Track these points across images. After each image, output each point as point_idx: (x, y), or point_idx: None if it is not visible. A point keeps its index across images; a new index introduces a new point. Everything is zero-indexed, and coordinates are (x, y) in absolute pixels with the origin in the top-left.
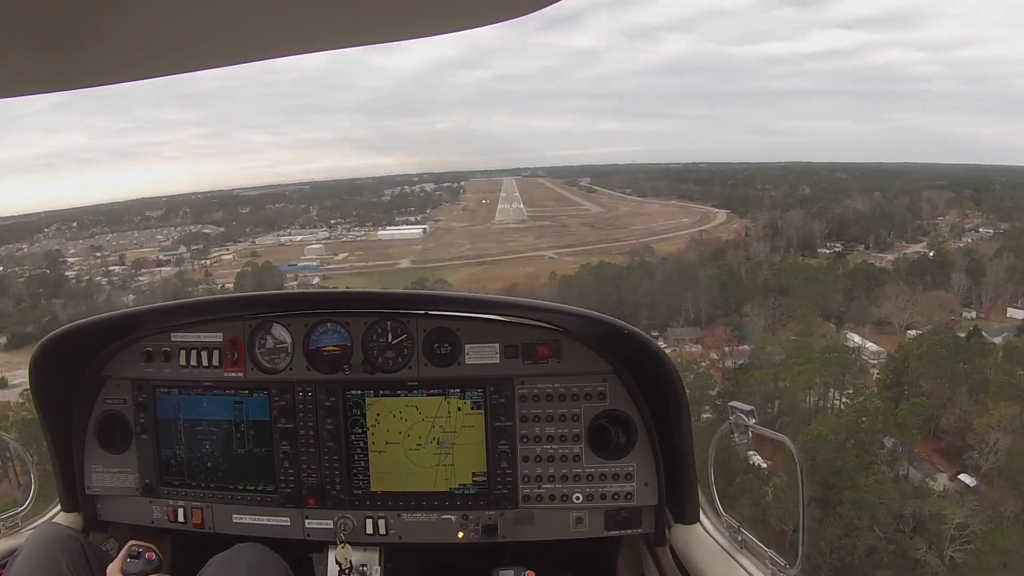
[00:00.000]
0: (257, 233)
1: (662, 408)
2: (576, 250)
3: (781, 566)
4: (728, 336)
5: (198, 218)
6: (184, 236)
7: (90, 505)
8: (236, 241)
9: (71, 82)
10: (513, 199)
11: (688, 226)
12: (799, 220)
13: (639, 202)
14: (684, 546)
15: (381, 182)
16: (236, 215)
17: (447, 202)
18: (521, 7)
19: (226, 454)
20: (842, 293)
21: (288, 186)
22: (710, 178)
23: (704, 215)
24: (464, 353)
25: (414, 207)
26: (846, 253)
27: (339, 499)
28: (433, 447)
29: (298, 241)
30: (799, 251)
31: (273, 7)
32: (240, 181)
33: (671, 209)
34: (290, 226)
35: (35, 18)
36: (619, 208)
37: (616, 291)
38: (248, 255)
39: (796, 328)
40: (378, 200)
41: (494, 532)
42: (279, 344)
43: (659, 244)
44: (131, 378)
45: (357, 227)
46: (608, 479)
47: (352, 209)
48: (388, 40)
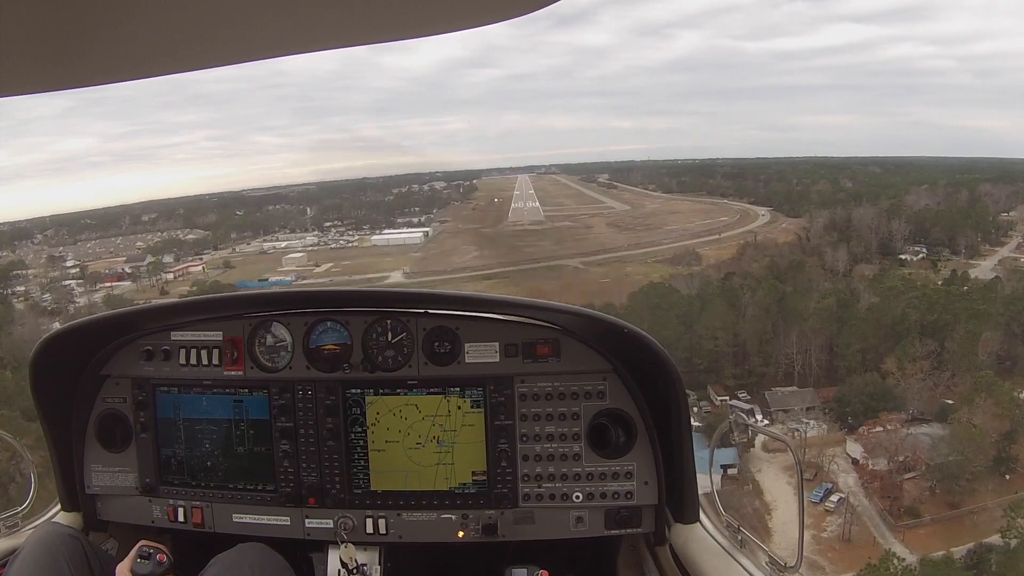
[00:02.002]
0: (244, 238)
1: (662, 407)
2: (605, 257)
3: (780, 565)
4: (893, 422)
5: (189, 222)
6: (160, 243)
7: (90, 505)
8: (217, 248)
9: (76, 81)
10: (528, 197)
11: (730, 226)
12: (871, 219)
13: (666, 199)
14: (684, 545)
15: (390, 181)
16: (230, 218)
17: (456, 201)
18: (528, 4)
19: (226, 453)
20: (1000, 329)
21: (295, 187)
22: (741, 173)
23: (743, 213)
24: (464, 352)
25: (419, 207)
26: (934, 259)
27: (339, 498)
28: (433, 446)
29: (282, 248)
30: (879, 256)
31: (282, 5)
32: (251, 183)
33: (703, 206)
34: (281, 230)
35: (38, 17)
36: (646, 206)
37: (681, 326)
38: (220, 265)
39: (986, 402)
40: (382, 199)
41: (494, 531)
42: (279, 343)
43: (704, 248)
44: (131, 377)
45: (353, 230)
46: (608, 478)
47: (351, 210)
48: (399, 38)
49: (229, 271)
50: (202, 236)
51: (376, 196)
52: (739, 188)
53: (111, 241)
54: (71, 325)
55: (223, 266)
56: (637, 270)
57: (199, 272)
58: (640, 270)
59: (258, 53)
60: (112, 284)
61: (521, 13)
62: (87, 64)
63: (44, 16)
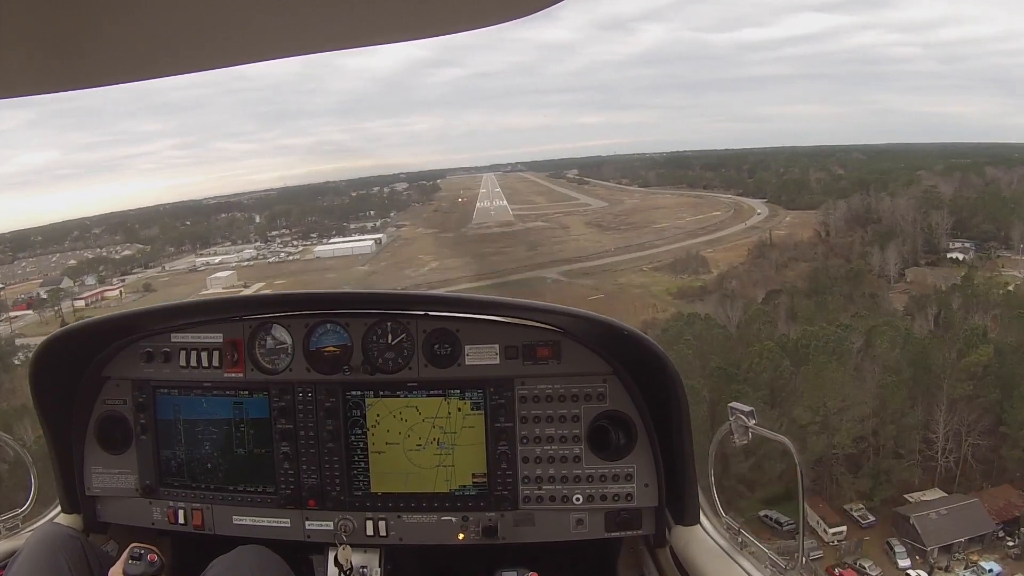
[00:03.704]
0: (183, 252)
1: (662, 409)
2: (590, 265)
3: (781, 567)
4: None
5: (132, 235)
6: (86, 262)
7: (90, 506)
8: (148, 266)
9: (59, 85)
10: (495, 196)
11: (727, 222)
12: (903, 210)
13: (645, 193)
14: (684, 547)
15: (353, 184)
16: (174, 230)
17: (417, 203)
18: (525, 7)
19: (226, 455)
20: None
21: (253, 193)
22: (721, 163)
23: (735, 206)
24: (464, 354)
25: (375, 210)
26: (983, 255)
27: (339, 500)
28: (433, 448)
29: (216, 263)
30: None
31: (280, 9)
32: (218, 190)
33: (688, 200)
34: (222, 242)
35: (29, 22)
36: (624, 201)
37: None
38: (140, 289)
39: None
40: (337, 203)
41: (494, 533)
42: (279, 345)
43: (708, 251)
44: (131, 379)
45: (300, 239)
46: (608, 480)
47: (301, 216)
48: (393, 41)
49: (148, 295)
50: (140, 251)
51: (334, 200)
52: (723, 179)
53: (48, 259)
54: (72, 326)
55: (143, 290)
56: (633, 281)
57: (115, 297)
58: (637, 281)
59: (260, 55)
60: (20, 313)
61: (519, 16)
62: (69, 70)
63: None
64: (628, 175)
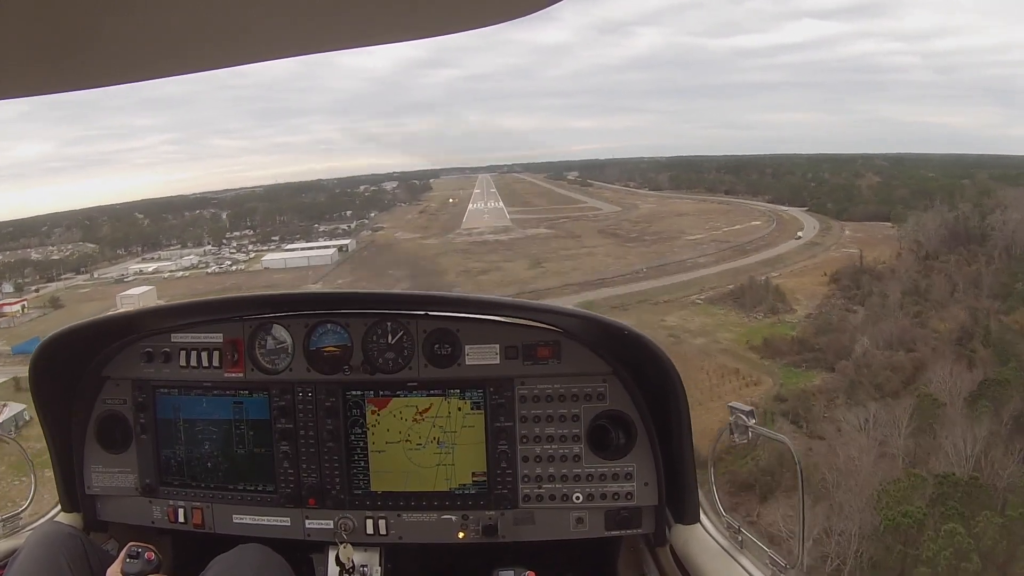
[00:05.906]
0: (129, 255)
1: (662, 409)
2: (620, 294)
3: (781, 566)
4: None
5: (89, 234)
6: (15, 263)
7: (90, 505)
8: (80, 271)
9: (59, 86)
10: (490, 196)
11: (774, 235)
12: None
13: (660, 197)
14: (684, 546)
15: (343, 183)
16: (133, 228)
17: (403, 203)
18: (523, 7)
19: (226, 454)
20: None
21: (241, 190)
22: (742, 166)
23: (774, 216)
24: (464, 354)
25: (351, 210)
26: None
27: (339, 499)
28: (433, 447)
29: (150, 271)
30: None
31: (278, 9)
32: (212, 187)
33: (714, 206)
34: (174, 245)
35: (29, 22)
36: (639, 206)
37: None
38: (46, 304)
39: None
40: (313, 201)
41: (494, 532)
42: (279, 345)
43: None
44: (131, 378)
45: (260, 243)
46: (608, 479)
47: (270, 216)
48: (390, 41)
49: (52, 313)
50: (79, 254)
51: (316, 197)
52: (748, 184)
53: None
54: (72, 326)
55: (48, 305)
56: (686, 324)
57: (15, 313)
58: (692, 324)
59: (264, 54)
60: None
61: (518, 16)
62: (69, 70)
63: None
64: (634, 178)
